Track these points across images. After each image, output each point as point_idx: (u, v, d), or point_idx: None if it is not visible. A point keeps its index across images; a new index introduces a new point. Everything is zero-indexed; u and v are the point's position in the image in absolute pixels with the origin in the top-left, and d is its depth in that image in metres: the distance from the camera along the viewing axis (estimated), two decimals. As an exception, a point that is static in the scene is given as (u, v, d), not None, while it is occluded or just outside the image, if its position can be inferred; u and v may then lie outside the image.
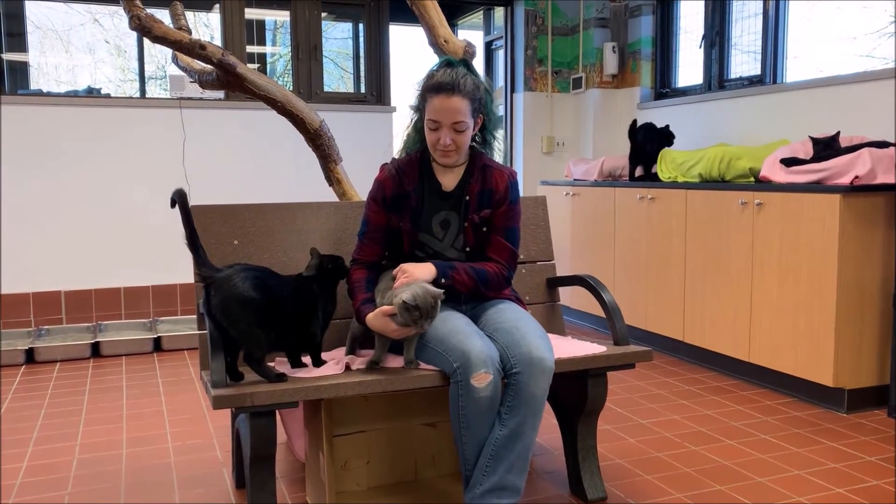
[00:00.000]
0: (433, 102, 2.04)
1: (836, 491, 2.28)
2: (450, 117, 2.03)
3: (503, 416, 1.91)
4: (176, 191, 1.90)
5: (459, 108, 2.03)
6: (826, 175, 3.04)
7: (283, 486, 2.36)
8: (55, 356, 3.93)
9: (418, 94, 2.14)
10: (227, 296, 1.82)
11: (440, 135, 2.06)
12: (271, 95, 2.95)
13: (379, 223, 2.16)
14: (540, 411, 1.93)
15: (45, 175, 4.35)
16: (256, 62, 5.20)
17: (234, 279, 1.83)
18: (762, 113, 4.11)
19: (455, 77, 2.03)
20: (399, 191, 2.14)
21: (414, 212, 2.14)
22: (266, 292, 1.85)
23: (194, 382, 3.50)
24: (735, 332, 3.44)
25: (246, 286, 1.83)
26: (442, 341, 1.94)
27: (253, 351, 1.86)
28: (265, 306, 1.84)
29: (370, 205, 2.17)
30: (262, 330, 1.85)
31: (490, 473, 1.89)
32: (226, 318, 1.82)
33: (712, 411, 3.04)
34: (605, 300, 2.32)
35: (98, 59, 5.25)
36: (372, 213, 2.17)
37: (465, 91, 2.04)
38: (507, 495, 1.90)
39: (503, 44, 5.69)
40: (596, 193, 4.49)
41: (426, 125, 2.09)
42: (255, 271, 1.89)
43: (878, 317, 3.01)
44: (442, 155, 2.10)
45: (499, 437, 1.89)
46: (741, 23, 4.42)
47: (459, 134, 2.06)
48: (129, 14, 2.70)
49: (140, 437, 2.81)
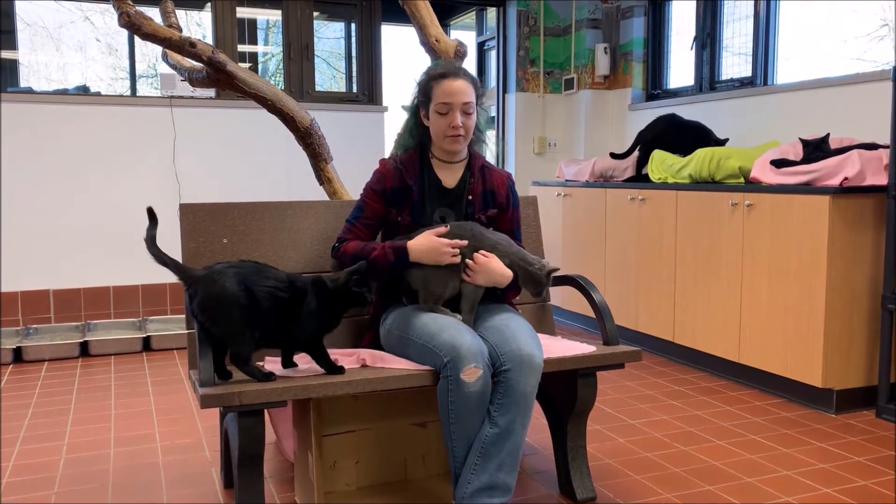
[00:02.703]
0: (441, 87, 2.09)
1: (824, 491, 2.29)
2: (460, 98, 2.09)
3: (493, 414, 1.90)
4: (148, 208, 1.93)
5: (466, 90, 2.10)
6: (816, 176, 3.06)
7: (271, 485, 2.36)
8: (43, 355, 3.90)
9: (419, 89, 2.17)
10: (206, 295, 1.80)
11: (451, 118, 2.09)
12: (262, 94, 2.94)
13: (377, 212, 2.19)
14: (529, 409, 1.93)
15: (34, 173, 4.33)
16: (248, 61, 5.18)
17: (214, 277, 1.81)
18: (753, 114, 4.13)
19: (457, 65, 2.15)
20: (401, 184, 2.16)
21: (414, 206, 2.15)
22: (248, 289, 1.81)
23: (183, 382, 3.48)
24: (725, 332, 3.45)
25: (226, 284, 1.80)
26: (432, 337, 1.94)
27: (238, 350, 1.84)
28: (247, 304, 1.81)
29: (369, 193, 2.20)
30: (245, 328, 1.82)
31: (480, 472, 1.88)
32: (207, 317, 1.80)
33: (702, 412, 3.05)
34: (595, 300, 2.32)
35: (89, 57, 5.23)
36: (371, 201, 2.19)
37: (468, 77, 2.13)
38: (498, 494, 1.89)
39: (495, 44, 5.69)
40: (587, 194, 4.50)
41: (434, 113, 2.12)
42: (238, 268, 1.85)
43: (867, 318, 3.03)
44: (452, 141, 2.12)
45: (489, 436, 1.89)
46: (733, 25, 4.44)
47: (468, 117, 2.11)
48: (119, 11, 2.69)
49: (128, 436, 2.79)
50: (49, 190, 4.36)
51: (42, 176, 4.35)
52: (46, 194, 4.36)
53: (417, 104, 2.20)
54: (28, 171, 4.32)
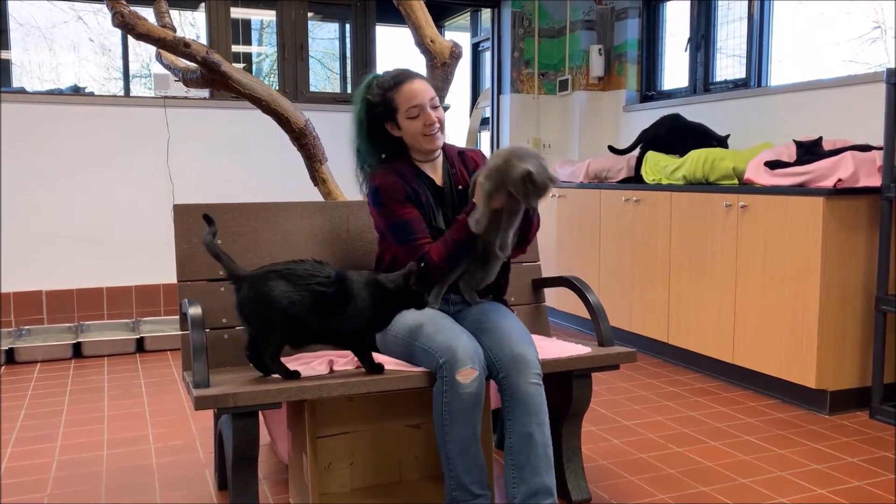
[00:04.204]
0: (402, 93, 2.10)
1: (818, 492, 2.29)
2: (425, 94, 2.11)
3: (507, 423, 1.93)
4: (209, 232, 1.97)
5: (425, 86, 2.13)
6: (810, 178, 3.06)
7: (266, 487, 2.35)
8: (36, 356, 3.88)
9: (378, 107, 2.13)
10: (246, 296, 1.86)
11: (425, 116, 2.10)
12: (256, 94, 2.93)
13: (420, 216, 2.10)
14: (541, 407, 1.93)
15: (27, 174, 4.31)
16: (242, 62, 5.17)
17: (257, 280, 1.86)
18: (747, 116, 4.14)
19: (404, 69, 2.16)
20: (409, 188, 2.12)
21: (425, 209, 2.14)
22: (291, 291, 1.84)
23: (177, 383, 3.47)
24: (719, 333, 3.46)
25: (266, 287, 1.84)
26: (429, 338, 1.95)
27: (266, 348, 1.88)
28: (286, 307, 1.84)
29: (396, 206, 2.08)
30: (279, 330, 1.86)
31: (519, 483, 1.90)
32: (244, 316, 1.88)
33: (696, 413, 3.06)
34: (590, 301, 2.32)
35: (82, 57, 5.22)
36: (405, 210, 2.08)
37: (420, 76, 2.16)
38: (542, 497, 1.90)
39: (490, 45, 5.69)
40: (582, 195, 4.50)
41: (405, 119, 2.11)
42: (287, 268, 1.87)
43: (861, 319, 3.04)
44: (431, 139, 2.12)
45: (512, 445, 1.92)
46: (726, 26, 4.45)
47: (437, 110, 2.13)
48: (112, 10, 2.68)
49: (122, 438, 2.78)
50: (42, 191, 4.34)
51: (35, 177, 4.32)
52: (40, 195, 4.33)
53: (379, 120, 2.15)
54: (21, 171, 4.29)
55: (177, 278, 2.22)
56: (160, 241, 4.25)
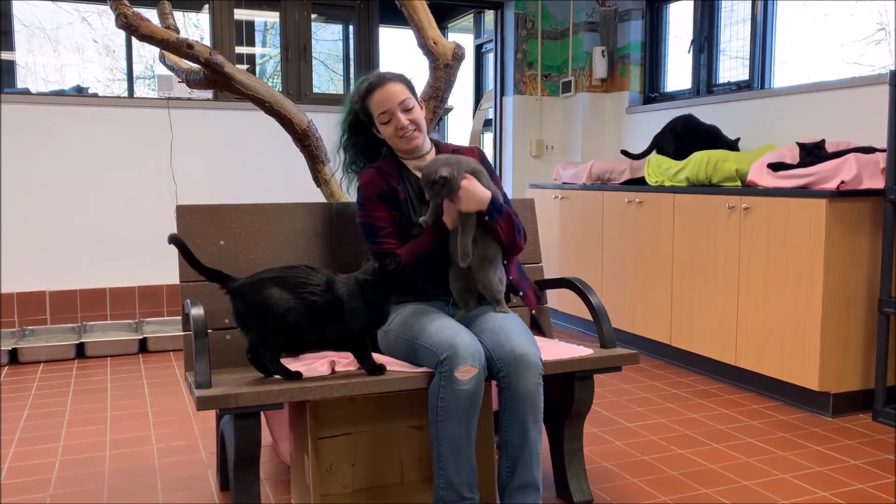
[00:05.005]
0: (373, 100, 2.17)
1: (821, 494, 2.29)
2: (394, 99, 2.15)
3: (504, 417, 1.96)
4: (171, 235, 1.99)
5: (396, 90, 2.16)
6: (813, 180, 3.06)
7: (267, 488, 2.35)
8: (39, 357, 3.89)
9: (357, 111, 2.22)
10: (242, 305, 1.88)
11: (395, 120, 2.15)
12: (259, 95, 2.93)
13: (388, 219, 2.17)
14: (538, 406, 1.95)
15: (31, 174, 4.32)
16: (246, 63, 5.18)
17: (248, 289, 1.88)
18: (750, 118, 4.13)
19: (379, 73, 2.23)
20: (388, 187, 2.18)
21: (402, 206, 2.17)
22: (284, 299, 1.85)
23: (179, 384, 3.47)
24: (721, 335, 3.45)
25: (259, 295, 1.85)
26: (430, 336, 1.96)
27: (266, 353, 1.89)
28: (281, 314, 1.85)
29: (369, 206, 2.16)
30: (276, 335, 1.87)
31: (511, 474, 1.97)
32: (241, 325, 1.89)
33: (698, 415, 3.05)
34: (592, 303, 2.32)
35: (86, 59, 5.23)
36: (375, 211, 2.16)
37: (393, 78, 2.20)
38: (531, 491, 1.97)
39: (493, 47, 5.69)
40: (584, 197, 4.50)
41: (379, 123, 2.18)
42: (280, 275, 1.89)
43: (864, 321, 3.03)
44: (406, 140, 2.17)
45: (509, 438, 1.96)
46: (730, 28, 4.44)
47: (410, 112, 2.17)
48: (116, 12, 2.68)
49: (124, 438, 2.78)
50: (46, 191, 4.35)
51: (39, 177, 4.33)
52: (43, 196, 4.34)
53: (365, 125, 2.23)
54: (25, 172, 4.30)
55: (179, 279, 2.22)
56: (163, 241, 4.23)
